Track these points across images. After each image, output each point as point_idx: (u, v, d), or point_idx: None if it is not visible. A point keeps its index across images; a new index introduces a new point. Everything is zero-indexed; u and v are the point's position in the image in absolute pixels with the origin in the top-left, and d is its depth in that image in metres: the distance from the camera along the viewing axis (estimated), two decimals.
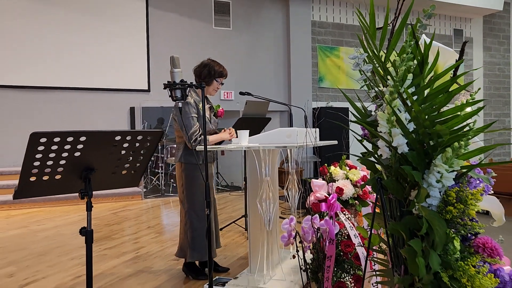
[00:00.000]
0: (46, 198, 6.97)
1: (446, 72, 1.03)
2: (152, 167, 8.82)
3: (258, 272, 3.07)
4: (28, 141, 1.62)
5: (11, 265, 3.79)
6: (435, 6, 1.25)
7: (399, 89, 1.00)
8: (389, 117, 1.03)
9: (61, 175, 1.83)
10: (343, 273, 2.42)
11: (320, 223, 2.15)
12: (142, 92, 9.02)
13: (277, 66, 10.25)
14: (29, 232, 5.15)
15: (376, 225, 1.32)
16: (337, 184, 2.87)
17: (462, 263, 1.03)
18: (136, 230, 5.23)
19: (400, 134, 1.03)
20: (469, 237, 1.12)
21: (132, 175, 2.09)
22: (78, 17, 8.56)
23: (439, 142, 1.00)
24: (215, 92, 3.41)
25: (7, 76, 8.11)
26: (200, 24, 9.55)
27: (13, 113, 8.19)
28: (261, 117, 4.82)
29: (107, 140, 1.84)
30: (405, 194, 1.11)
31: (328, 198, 2.24)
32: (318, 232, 2.18)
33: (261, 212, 3.02)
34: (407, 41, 1.04)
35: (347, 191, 2.86)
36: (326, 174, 3.06)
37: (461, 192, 1.05)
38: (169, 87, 2.25)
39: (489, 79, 13.00)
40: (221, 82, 3.40)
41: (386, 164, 1.13)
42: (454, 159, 1.01)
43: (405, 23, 1.06)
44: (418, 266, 0.98)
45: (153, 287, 3.21)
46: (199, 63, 3.39)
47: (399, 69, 1.03)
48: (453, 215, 1.04)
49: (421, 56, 1.04)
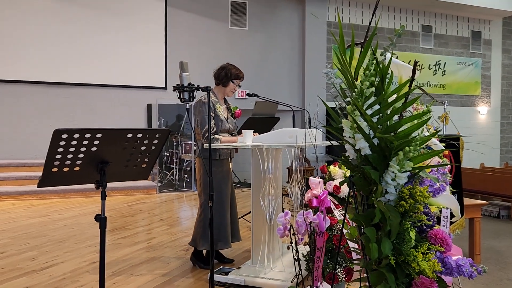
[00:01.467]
0: (65, 189, 7.31)
1: (399, 89, 1.20)
2: (167, 162, 9.09)
3: (260, 264, 3.27)
4: (52, 137, 1.85)
5: (33, 250, 4.08)
6: (405, 27, 1.42)
7: (358, 102, 1.18)
8: (352, 124, 1.21)
9: (80, 167, 2.06)
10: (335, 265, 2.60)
11: (313, 217, 2.33)
12: (159, 89, 9.31)
13: (292, 66, 10.40)
14: (49, 221, 5.46)
15: (352, 216, 1.50)
16: (335, 182, 3.04)
17: (414, 251, 1.21)
18: (149, 222, 5.49)
19: (362, 139, 1.21)
20: (424, 229, 1.29)
21: (142, 168, 2.31)
22: (99, 16, 8.88)
23: (392, 147, 1.18)
24: (232, 93, 3.65)
25: (31, 72, 8.49)
26: (217, 23, 9.78)
27: (36, 108, 8.57)
28: (270, 117, 5.01)
29: (120, 137, 2.07)
30: (370, 190, 1.29)
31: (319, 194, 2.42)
32: (311, 226, 2.36)
33: (263, 208, 3.22)
34: (369, 60, 1.22)
35: (345, 189, 3.03)
36: (326, 173, 3.24)
37: (413, 189, 1.22)
38: (178, 89, 2.46)
39: (508, 82, 12.88)
40: (238, 84, 3.64)
41: (355, 164, 1.32)
42: (405, 161, 1.19)
43: (371, 43, 1.24)
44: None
45: (162, 274, 3.44)
46: (218, 67, 3.64)
47: (363, 83, 1.20)
48: (406, 208, 1.22)
49: (380, 73, 1.21)
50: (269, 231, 3.27)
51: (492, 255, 4.65)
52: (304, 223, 2.41)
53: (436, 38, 11.87)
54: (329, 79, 1.32)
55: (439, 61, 11.88)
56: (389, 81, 1.20)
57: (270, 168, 3.23)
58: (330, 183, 3.09)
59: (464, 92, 12.30)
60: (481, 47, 12.49)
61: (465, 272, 1.21)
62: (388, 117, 1.19)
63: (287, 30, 10.37)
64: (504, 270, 4.11)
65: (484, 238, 5.33)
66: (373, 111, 1.20)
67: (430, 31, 11.77)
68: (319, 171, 3.28)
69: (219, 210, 3.49)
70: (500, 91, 12.82)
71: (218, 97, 3.64)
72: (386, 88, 1.20)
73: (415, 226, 1.27)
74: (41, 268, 3.54)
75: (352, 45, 1.24)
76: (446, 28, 12.00)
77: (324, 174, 3.30)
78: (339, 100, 1.33)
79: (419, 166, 1.22)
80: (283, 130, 3.23)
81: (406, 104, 1.21)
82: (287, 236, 2.59)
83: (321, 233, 2.23)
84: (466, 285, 3.69)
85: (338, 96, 1.33)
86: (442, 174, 1.39)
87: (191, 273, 3.47)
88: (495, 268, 4.18)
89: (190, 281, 3.29)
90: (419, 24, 11.59)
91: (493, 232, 5.79)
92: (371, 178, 1.24)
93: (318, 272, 2.31)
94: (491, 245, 5.07)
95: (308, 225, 2.41)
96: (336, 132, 1.31)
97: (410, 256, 1.19)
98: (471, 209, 4.35)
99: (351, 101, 1.23)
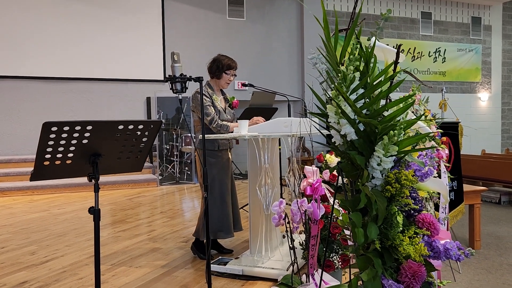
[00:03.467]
0: (66, 184, 7.34)
1: (383, 72, 1.19)
2: (168, 155, 9.10)
3: (258, 253, 3.28)
4: (41, 130, 1.85)
5: (33, 244, 4.11)
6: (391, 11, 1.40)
7: (341, 87, 1.17)
8: (336, 109, 1.20)
9: (71, 160, 2.06)
10: (331, 253, 2.60)
11: (307, 205, 2.33)
12: (158, 82, 9.29)
13: (290, 56, 10.35)
14: (50, 215, 5.49)
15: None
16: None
17: (400, 235, 1.20)
18: (149, 215, 5.50)
19: (347, 124, 1.20)
20: (412, 213, 1.29)
21: (136, 160, 2.31)
22: (96, 10, 8.84)
23: (377, 132, 1.17)
24: (227, 84, 3.62)
25: (30, 67, 8.48)
26: (214, 15, 9.72)
27: (36, 104, 8.57)
28: (268, 107, 4.99)
29: (111, 129, 2.06)
30: (357, 175, 1.28)
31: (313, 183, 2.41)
32: (306, 214, 2.36)
33: (260, 198, 3.22)
34: (353, 44, 1.20)
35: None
36: (322, 162, 3.23)
37: (399, 174, 1.21)
38: (170, 80, 2.45)
39: (508, 68, 12.79)
40: (233, 74, 3.60)
41: (342, 150, 1.31)
42: (390, 145, 1.18)
43: (354, 28, 1.22)
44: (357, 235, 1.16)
45: (162, 265, 3.45)
46: (210, 60, 3.60)
47: (348, 68, 1.19)
48: (392, 193, 1.21)
49: (365, 57, 1.20)
50: (266, 221, 3.27)
51: (493, 240, 4.65)
52: (298, 211, 2.41)
53: (435, 25, 11.78)
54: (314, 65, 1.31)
55: (439, 48, 11.80)
56: (373, 65, 1.19)
57: (266, 158, 3.22)
58: (326, 172, 3.08)
59: (464, 79, 12.23)
60: (481, 33, 12.39)
61: (453, 255, 1.20)
62: (372, 101, 1.17)
63: (285, 20, 10.30)
64: (504, 256, 4.12)
65: (485, 224, 5.34)
66: (358, 96, 1.19)
67: (429, 18, 11.67)
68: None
69: (220, 200, 3.49)
70: (500, 77, 12.74)
71: (215, 89, 3.62)
72: (371, 72, 1.18)
73: (403, 211, 1.26)
74: (40, 262, 3.56)
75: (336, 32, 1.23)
76: (445, 15, 11.89)
77: (320, 163, 3.29)
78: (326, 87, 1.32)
79: (405, 150, 1.21)
80: (278, 119, 3.22)
81: (391, 87, 1.20)
82: (282, 225, 2.60)
83: (315, 221, 2.23)
84: (466, 270, 3.69)
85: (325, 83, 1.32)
86: (430, 158, 1.38)
87: (190, 264, 3.48)
88: (496, 254, 4.19)
89: (189, 271, 3.30)
90: (418, 11, 11.49)
91: (494, 218, 5.79)
92: (358, 163, 1.23)
93: (313, 260, 2.31)
94: (491, 230, 5.08)
95: (303, 213, 2.41)
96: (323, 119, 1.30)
97: (396, 240, 1.19)
98: (471, 195, 4.34)
99: (334, 86, 1.22)
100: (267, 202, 3.23)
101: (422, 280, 1.22)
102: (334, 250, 2.61)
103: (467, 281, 3.44)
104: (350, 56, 1.18)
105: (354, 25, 1.19)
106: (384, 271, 1.21)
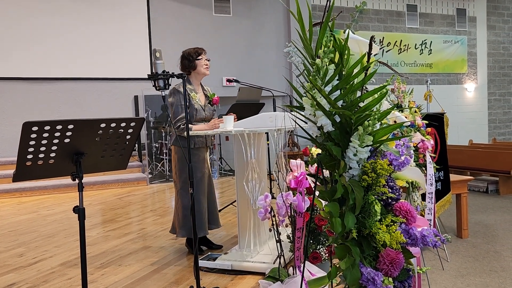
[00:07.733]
0: (55, 185, 7.28)
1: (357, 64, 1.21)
2: (157, 153, 9.07)
3: (247, 248, 3.30)
4: (22, 130, 1.83)
5: (21, 246, 4.08)
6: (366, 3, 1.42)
7: (315, 79, 1.18)
8: (312, 102, 1.21)
9: (54, 160, 2.05)
10: (318, 245, 2.63)
11: (292, 199, 2.35)
12: (145, 80, 9.23)
13: (278, 51, 10.34)
14: (38, 217, 5.45)
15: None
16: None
17: (378, 223, 1.23)
18: (139, 213, 5.49)
19: (323, 116, 1.22)
20: (390, 202, 1.31)
21: (119, 158, 2.30)
22: (80, 8, 8.75)
23: (352, 122, 1.18)
24: (207, 69, 3.57)
25: (14, 68, 8.37)
26: (200, 11, 9.68)
27: (22, 105, 8.47)
28: (255, 102, 5.00)
29: (93, 127, 2.05)
30: (334, 166, 1.30)
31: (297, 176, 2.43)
32: (291, 207, 2.38)
33: (247, 192, 3.23)
34: (327, 36, 1.22)
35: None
36: (308, 155, 3.25)
37: (374, 163, 1.23)
38: (152, 77, 2.44)
39: (494, 58, 12.92)
40: (206, 59, 3.57)
41: (320, 142, 1.32)
42: (366, 135, 1.20)
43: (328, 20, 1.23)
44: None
45: (151, 263, 3.45)
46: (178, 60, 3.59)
47: (322, 60, 1.20)
48: (369, 182, 1.23)
49: (339, 49, 1.21)
50: (254, 215, 3.29)
51: (480, 229, 4.72)
52: (284, 205, 2.43)
53: (421, 17, 11.85)
54: (289, 58, 1.32)
55: (425, 40, 11.88)
56: (347, 57, 1.21)
57: (252, 153, 3.24)
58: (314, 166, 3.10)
59: (451, 70, 12.34)
60: (466, 24, 12.50)
61: (429, 242, 1.23)
62: (346, 92, 1.19)
63: (272, 15, 10.29)
64: (491, 243, 4.18)
65: (472, 213, 5.41)
66: (333, 87, 1.20)
67: (415, 10, 11.74)
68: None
69: (194, 197, 3.50)
70: (486, 67, 12.87)
71: (194, 84, 3.61)
72: (345, 64, 1.20)
73: (381, 200, 1.28)
74: (29, 264, 3.54)
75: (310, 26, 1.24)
76: (431, 7, 11.97)
77: (306, 157, 3.31)
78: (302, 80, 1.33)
79: (380, 140, 1.23)
80: (264, 114, 3.23)
81: (365, 78, 1.21)
82: (268, 219, 2.61)
83: (300, 214, 2.24)
84: (454, 258, 3.75)
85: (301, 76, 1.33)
86: (407, 148, 1.40)
87: (179, 261, 3.49)
88: (483, 242, 4.25)
89: (178, 268, 3.31)
90: (404, 4, 11.55)
91: (481, 206, 5.88)
92: (334, 154, 1.24)
93: (299, 252, 2.33)
94: (479, 219, 5.15)
95: (288, 206, 2.43)
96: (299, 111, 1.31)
97: (373, 229, 1.21)
98: (458, 185, 4.40)
99: (308, 79, 1.23)
100: (254, 197, 3.25)
101: (400, 267, 1.24)
102: (320, 242, 2.63)
103: (455, 269, 3.50)
104: (325, 48, 1.20)
105: (327, 18, 1.21)
106: (363, 259, 1.23)
